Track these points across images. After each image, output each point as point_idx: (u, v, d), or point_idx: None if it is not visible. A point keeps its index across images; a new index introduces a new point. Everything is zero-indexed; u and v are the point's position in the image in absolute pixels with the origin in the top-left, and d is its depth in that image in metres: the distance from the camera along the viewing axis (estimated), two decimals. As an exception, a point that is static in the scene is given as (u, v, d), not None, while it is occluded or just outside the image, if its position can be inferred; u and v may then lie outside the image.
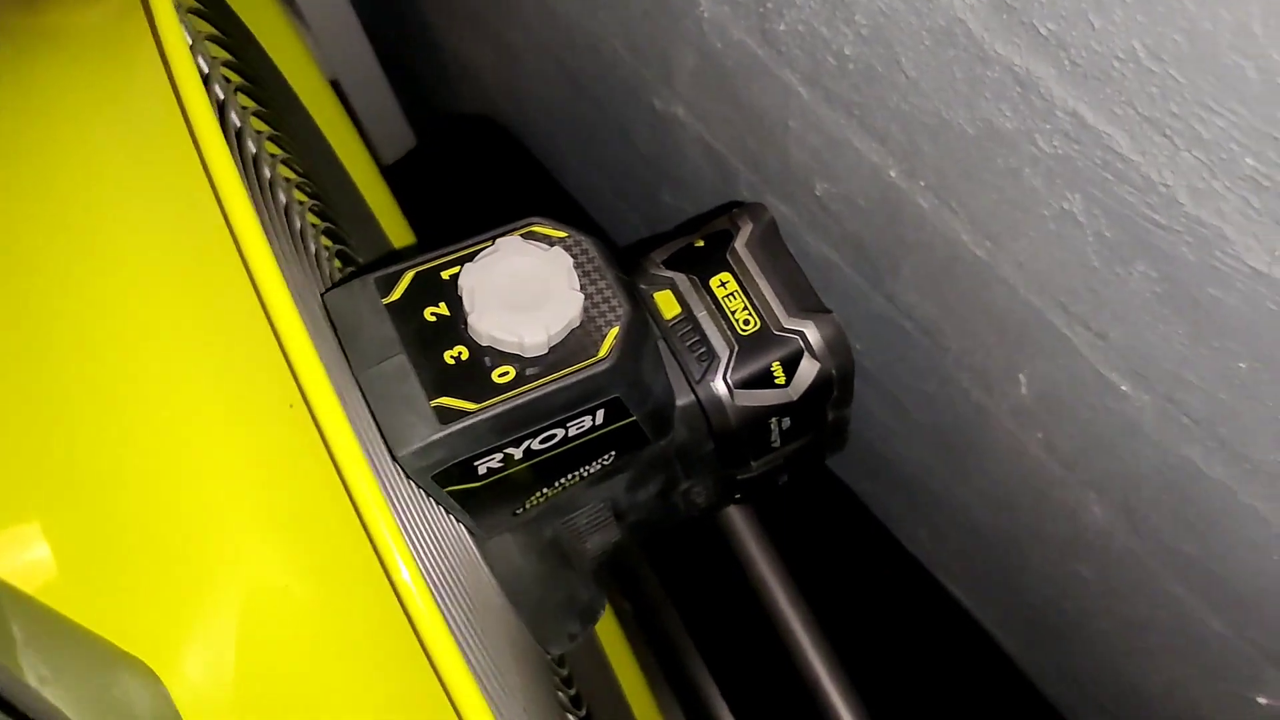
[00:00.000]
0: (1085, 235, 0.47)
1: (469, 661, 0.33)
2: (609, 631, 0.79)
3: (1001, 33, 0.43)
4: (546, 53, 0.87)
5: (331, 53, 1.01)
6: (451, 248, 0.45)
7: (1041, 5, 0.40)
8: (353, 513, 0.32)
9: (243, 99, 0.51)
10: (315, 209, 0.51)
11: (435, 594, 0.34)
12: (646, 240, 0.57)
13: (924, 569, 0.91)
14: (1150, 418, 0.52)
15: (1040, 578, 0.75)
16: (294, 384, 0.31)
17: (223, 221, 0.32)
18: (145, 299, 0.34)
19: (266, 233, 0.33)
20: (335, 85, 1.04)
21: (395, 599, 0.32)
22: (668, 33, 0.66)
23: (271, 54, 0.65)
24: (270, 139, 0.53)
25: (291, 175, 0.53)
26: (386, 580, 0.32)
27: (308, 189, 0.55)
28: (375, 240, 0.70)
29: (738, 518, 0.88)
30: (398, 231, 0.78)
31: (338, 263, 0.53)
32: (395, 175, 0.85)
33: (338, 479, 0.32)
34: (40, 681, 0.27)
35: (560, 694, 0.55)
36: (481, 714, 0.32)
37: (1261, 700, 0.60)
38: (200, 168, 0.33)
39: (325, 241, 0.54)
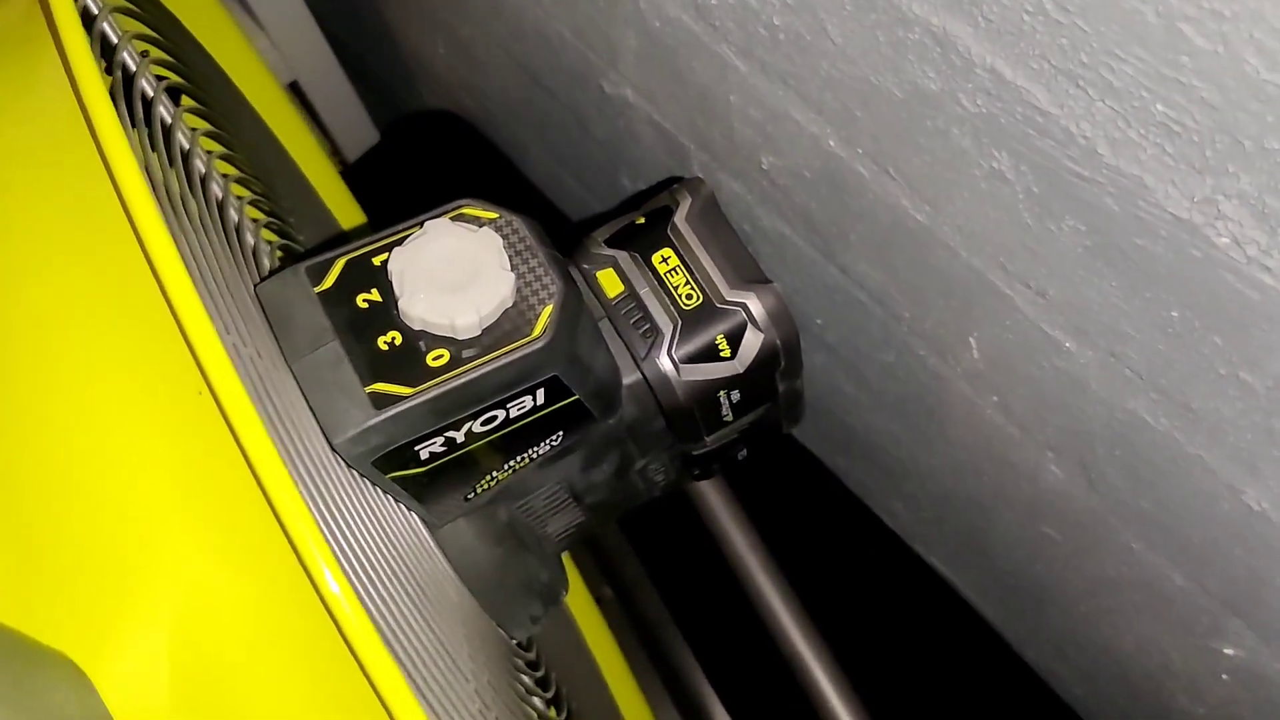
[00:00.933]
0: (1015, 192, 0.47)
1: (394, 650, 0.33)
2: (587, 615, 0.80)
3: (917, -7, 0.43)
4: (497, 44, 0.87)
5: (290, 54, 1.01)
6: (382, 234, 0.45)
7: (952, -37, 0.41)
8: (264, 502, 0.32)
9: (185, 99, 0.52)
10: (259, 204, 0.51)
11: (358, 584, 0.34)
12: (591, 220, 0.57)
13: (902, 541, 0.91)
14: (1095, 373, 0.52)
15: (1011, 541, 0.75)
16: (198, 370, 0.31)
17: (122, 212, 0.32)
18: (48, 292, 0.34)
19: (168, 221, 0.33)
20: (295, 86, 1.04)
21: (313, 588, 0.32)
22: (608, 15, 0.66)
23: (216, 55, 0.65)
24: (209, 135, 0.53)
25: (231, 171, 0.53)
26: (304, 570, 0.32)
27: (252, 186, 0.55)
28: (329, 236, 0.70)
29: (715, 498, 0.88)
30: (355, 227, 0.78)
31: (279, 254, 0.53)
32: (360, 172, 0.85)
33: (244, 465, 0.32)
34: None
35: (525, 676, 0.55)
36: (409, 707, 0.32)
37: (1228, 651, 0.61)
38: (100, 165, 0.33)
39: (268, 235, 0.54)
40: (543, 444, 0.49)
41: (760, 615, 0.87)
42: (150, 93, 0.46)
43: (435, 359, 0.42)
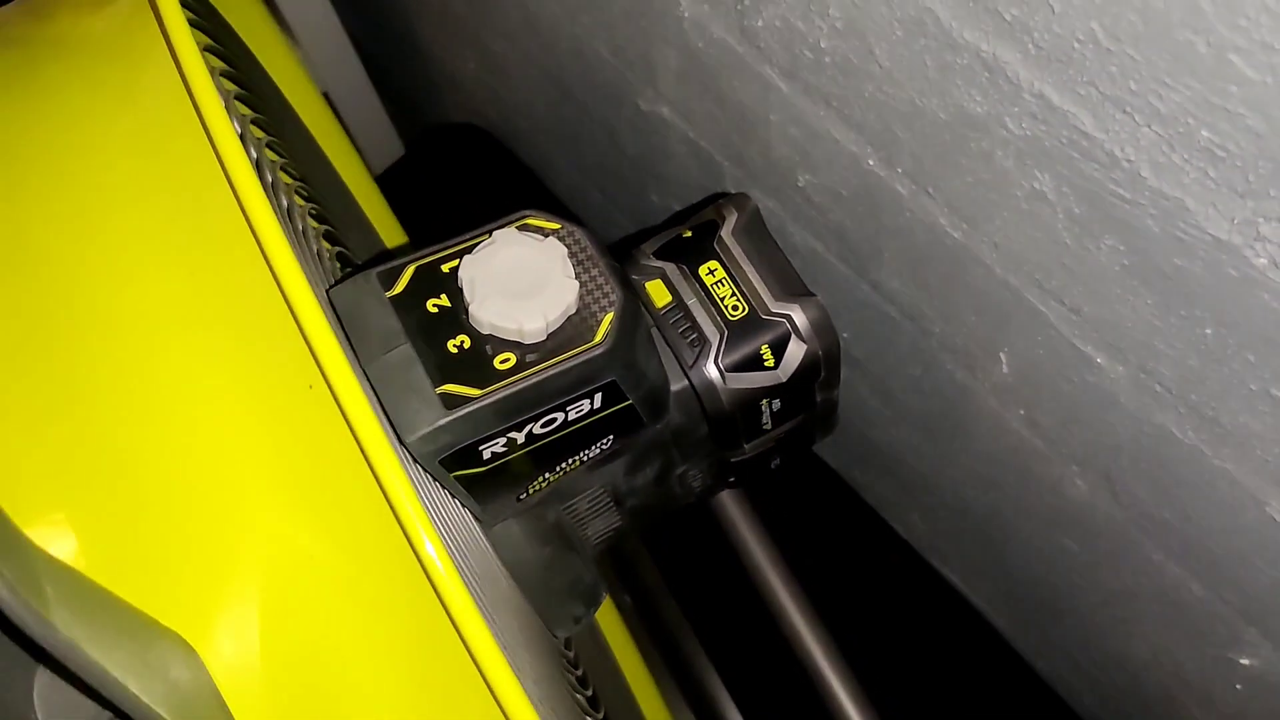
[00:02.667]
0: (1056, 213, 0.49)
1: (492, 630, 0.35)
2: (610, 622, 0.81)
3: (968, 20, 0.45)
4: (530, 59, 0.89)
5: (320, 65, 1.03)
6: (450, 241, 0.47)
7: (1005, -8, 0.42)
8: (375, 489, 0.33)
9: (240, 106, 0.53)
10: (313, 212, 0.53)
11: (456, 564, 0.36)
12: (636, 235, 0.59)
13: (916, 553, 0.93)
14: (1125, 388, 0.54)
15: (1028, 554, 0.77)
16: (313, 365, 0.33)
17: (238, 216, 0.34)
18: (165, 290, 0.36)
19: (280, 225, 0.35)
20: (324, 97, 1.06)
21: (420, 571, 0.34)
22: (649, 34, 0.68)
23: (265, 65, 0.67)
24: (267, 145, 0.54)
25: (289, 180, 0.55)
26: (411, 552, 0.33)
27: (304, 193, 0.56)
28: (371, 244, 0.71)
29: (734, 509, 0.90)
30: (392, 236, 0.80)
31: (337, 264, 0.55)
32: (384, 185, 0.87)
33: (357, 457, 0.33)
34: (72, 630, 0.28)
35: (568, 674, 0.57)
36: (511, 686, 0.34)
37: (1244, 661, 0.62)
38: (214, 165, 0.35)
39: (325, 244, 0.56)
40: (594, 447, 0.50)
41: (777, 625, 0.88)
42: (223, 102, 0.48)
43: (502, 362, 0.44)
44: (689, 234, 0.56)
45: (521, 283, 0.44)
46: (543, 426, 0.46)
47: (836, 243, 0.66)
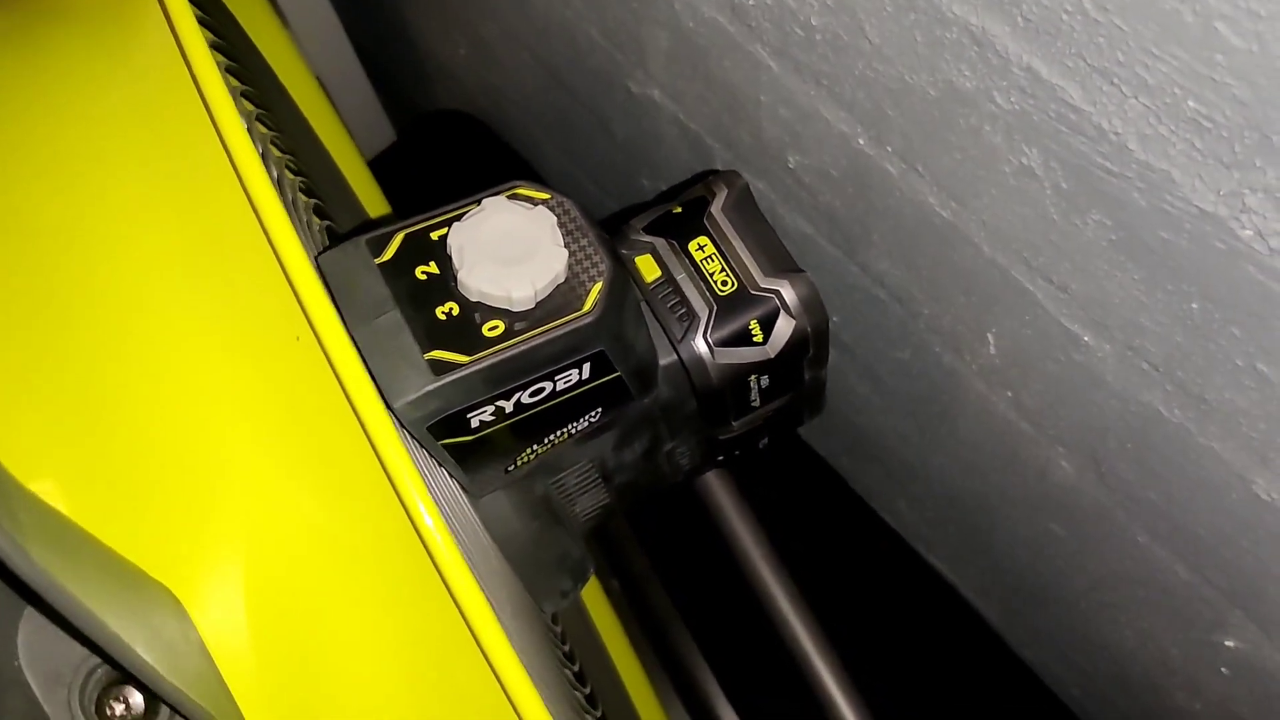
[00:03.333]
0: (1044, 188, 0.49)
1: (482, 589, 0.35)
2: (597, 605, 0.81)
3: (958, -6, 0.45)
4: (520, 44, 0.89)
5: (312, 50, 1.03)
6: (440, 210, 0.47)
7: (994, -35, 0.43)
8: (366, 447, 0.34)
9: (232, 79, 0.53)
10: (303, 186, 0.53)
11: (445, 519, 0.36)
12: (627, 211, 0.59)
13: (903, 540, 0.93)
14: (1112, 367, 0.54)
15: (1015, 540, 0.77)
16: (303, 319, 0.33)
17: (232, 180, 0.34)
18: (158, 239, 0.36)
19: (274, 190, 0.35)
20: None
21: (411, 532, 0.34)
22: (640, 15, 0.68)
23: (259, 44, 0.66)
24: (257, 118, 0.54)
25: (278, 154, 0.55)
26: (403, 512, 0.33)
27: (293, 166, 0.56)
28: (359, 221, 0.71)
29: (722, 495, 0.90)
30: (364, 184, 0.80)
31: (325, 237, 0.55)
32: (376, 171, 0.87)
33: (347, 415, 0.33)
34: (49, 563, 0.28)
35: (557, 649, 0.57)
36: (501, 645, 0.34)
37: (1229, 644, 0.63)
38: (207, 127, 0.35)
39: (315, 218, 0.56)
40: (582, 419, 0.51)
41: (764, 610, 0.88)
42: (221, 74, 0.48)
43: (490, 329, 0.44)
44: (679, 210, 0.56)
45: (510, 250, 0.45)
46: (531, 395, 0.46)
47: (826, 224, 0.67)
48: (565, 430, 0.51)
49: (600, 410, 0.51)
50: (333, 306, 0.37)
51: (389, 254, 0.45)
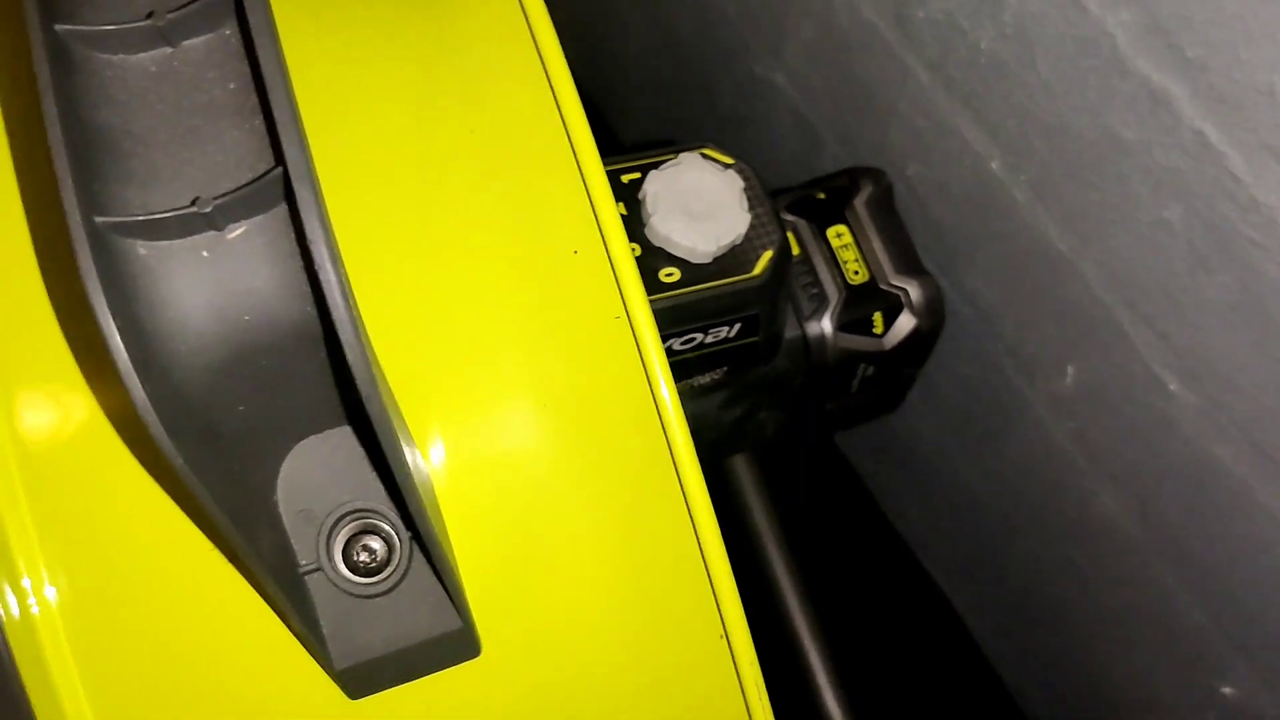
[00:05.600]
0: (1177, 243, 0.52)
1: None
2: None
3: (1147, 50, 0.49)
4: (645, 5, 0.91)
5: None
6: (634, 155, 0.50)
7: (1194, 30, 0.46)
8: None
9: None
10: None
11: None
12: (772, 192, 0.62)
13: (905, 544, 0.97)
14: (1191, 417, 0.58)
15: (1026, 563, 0.81)
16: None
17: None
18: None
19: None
20: None
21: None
22: (791, 3, 0.71)
23: None
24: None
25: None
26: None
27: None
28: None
29: (744, 469, 0.93)
30: None
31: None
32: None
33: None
34: None
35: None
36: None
37: (1226, 690, 0.67)
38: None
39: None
40: (709, 375, 0.54)
41: (767, 588, 0.91)
42: None
43: (667, 275, 0.47)
44: (823, 195, 0.59)
45: (700, 205, 0.48)
46: (683, 344, 0.49)
47: (929, 236, 0.70)
48: (692, 382, 0.54)
49: (727, 368, 0.54)
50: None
51: (584, 188, 0.48)
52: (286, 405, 0.32)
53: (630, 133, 1.08)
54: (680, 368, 0.51)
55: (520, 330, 0.37)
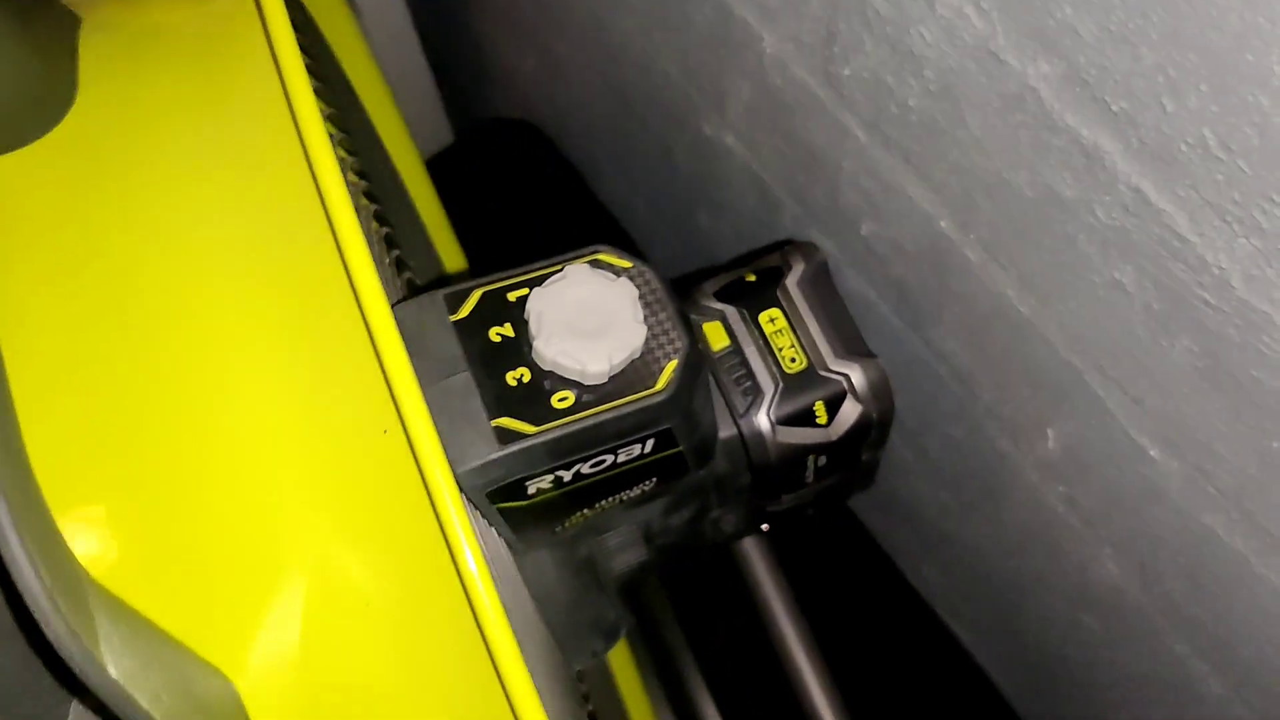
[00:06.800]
0: (1133, 305, 0.48)
1: (531, 671, 0.35)
2: (615, 650, 0.80)
3: (1073, 105, 0.44)
4: (593, 66, 0.88)
5: (378, 40, 1.01)
6: (520, 270, 0.46)
7: (1115, 83, 0.41)
8: (425, 512, 0.33)
9: (330, 125, 0.52)
10: (386, 235, 0.52)
11: (499, 593, 0.35)
12: (697, 273, 0.58)
13: (925, 603, 0.92)
14: (1176, 484, 0.53)
15: (1043, 623, 0.76)
16: (391, 407, 0.32)
17: (328, 239, 0.33)
18: (243, 303, 0.35)
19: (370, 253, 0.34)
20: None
21: (468, 611, 0.33)
22: (725, 62, 0.67)
23: (328, 36, 0.65)
24: (339, 141, 0.54)
25: (355, 179, 0.54)
26: (462, 591, 0.33)
27: (368, 190, 0.55)
28: (421, 241, 0.71)
29: (752, 549, 0.89)
30: (439, 228, 0.79)
31: (406, 289, 0.54)
32: (432, 171, 0.86)
33: (415, 490, 0.33)
34: (123, 675, 0.28)
35: (577, 697, 0.56)
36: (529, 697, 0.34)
37: (1257, 765, 0.62)
38: (305, 175, 0.34)
39: (396, 271, 0.55)
40: (636, 488, 0.50)
41: (780, 660, 0.87)
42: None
43: (560, 400, 0.43)
44: (752, 278, 0.55)
45: (589, 321, 0.44)
46: (591, 467, 0.45)
47: (893, 295, 0.66)
48: (618, 497, 0.50)
49: (655, 480, 0.50)
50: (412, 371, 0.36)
51: (465, 311, 0.44)
52: None
53: (605, 191, 1.04)
54: (599, 487, 0.47)
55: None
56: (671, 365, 0.44)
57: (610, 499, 0.50)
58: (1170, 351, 0.48)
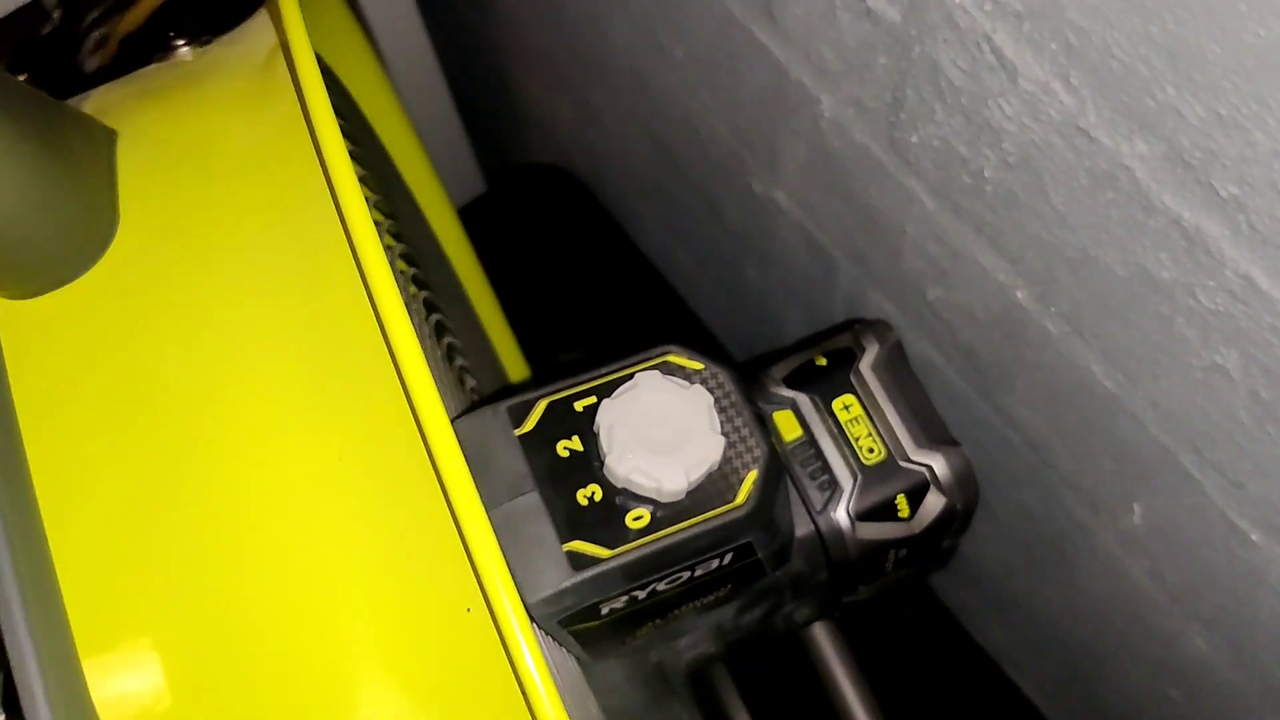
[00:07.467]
0: (1237, 390, 0.45)
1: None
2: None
3: (1173, 186, 0.41)
4: (634, 118, 0.85)
5: (408, 91, 0.99)
6: (585, 376, 0.43)
7: (1224, 167, 0.38)
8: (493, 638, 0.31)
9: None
10: (438, 323, 0.49)
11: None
12: (763, 357, 0.55)
13: (990, 659, 0.89)
14: (1278, 570, 0.50)
15: (1123, 692, 0.73)
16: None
17: (387, 358, 0.31)
18: (300, 445, 0.33)
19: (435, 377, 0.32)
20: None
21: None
22: (778, 123, 0.64)
23: (359, 99, 0.63)
24: (387, 230, 0.51)
25: (415, 291, 0.51)
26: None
27: (428, 300, 0.53)
28: (477, 338, 0.68)
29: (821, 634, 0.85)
30: (494, 323, 0.77)
31: (459, 380, 0.51)
32: (465, 220, 0.84)
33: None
34: None
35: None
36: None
37: None
38: (363, 296, 0.32)
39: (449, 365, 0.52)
40: (711, 595, 0.47)
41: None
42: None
43: (635, 519, 0.40)
44: (823, 361, 0.52)
45: (663, 434, 0.41)
46: (667, 584, 0.43)
47: (961, 360, 0.63)
48: (692, 605, 0.47)
49: (731, 586, 0.47)
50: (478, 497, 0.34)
51: (530, 424, 0.42)
52: None
53: (646, 241, 1.02)
54: (673, 599, 0.44)
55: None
56: (751, 476, 0.41)
57: (684, 607, 0.47)
58: (1277, 439, 0.45)
